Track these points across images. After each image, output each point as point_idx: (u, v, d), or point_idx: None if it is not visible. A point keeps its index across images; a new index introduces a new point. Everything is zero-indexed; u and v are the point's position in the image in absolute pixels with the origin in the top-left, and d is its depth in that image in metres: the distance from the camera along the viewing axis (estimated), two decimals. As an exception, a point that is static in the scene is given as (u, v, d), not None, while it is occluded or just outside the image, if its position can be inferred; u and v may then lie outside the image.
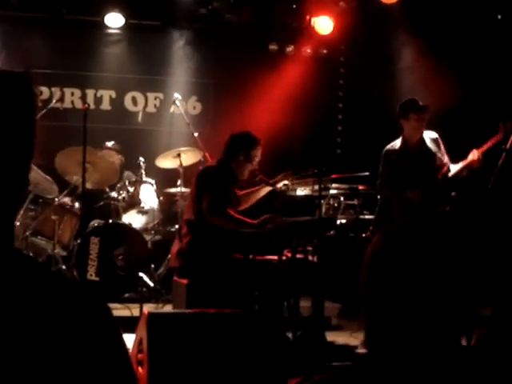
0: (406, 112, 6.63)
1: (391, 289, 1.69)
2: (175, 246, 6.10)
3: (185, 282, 5.76)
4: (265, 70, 9.67)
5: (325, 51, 10.21)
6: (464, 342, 1.73)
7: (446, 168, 6.72)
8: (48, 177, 8.10)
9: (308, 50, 10.12)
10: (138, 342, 4.84)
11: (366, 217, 6.77)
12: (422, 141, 6.73)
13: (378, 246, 1.75)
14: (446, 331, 1.70)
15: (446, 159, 6.74)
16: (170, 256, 6.41)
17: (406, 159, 6.71)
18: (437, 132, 6.76)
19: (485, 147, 6.48)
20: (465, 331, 1.75)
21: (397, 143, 6.80)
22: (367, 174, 6.95)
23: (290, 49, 10.09)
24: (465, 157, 6.56)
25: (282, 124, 9.41)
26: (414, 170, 6.68)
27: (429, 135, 6.75)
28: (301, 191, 6.70)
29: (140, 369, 4.77)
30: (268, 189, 6.32)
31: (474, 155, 6.49)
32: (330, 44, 10.13)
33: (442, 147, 6.77)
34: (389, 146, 6.83)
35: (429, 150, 6.70)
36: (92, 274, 7.65)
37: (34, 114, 1.43)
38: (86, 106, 7.75)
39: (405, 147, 6.74)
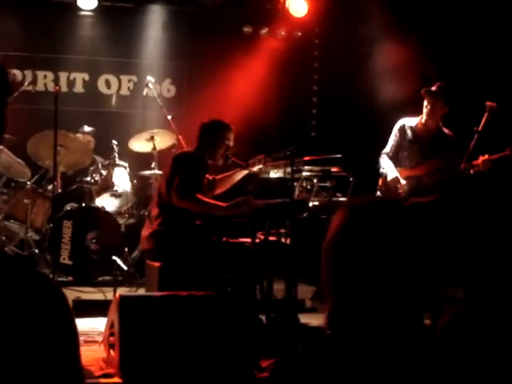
0: (423, 96, 6.57)
1: (359, 264, 1.68)
2: (146, 229, 6.06)
3: (157, 264, 5.74)
4: (239, 52, 9.64)
5: (299, 34, 10.17)
6: (429, 323, 1.74)
7: (439, 162, 6.66)
8: (20, 160, 8.04)
9: (282, 33, 10.08)
10: (110, 325, 4.83)
11: (339, 199, 6.74)
12: (439, 132, 6.67)
13: (345, 222, 1.76)
14: (410, 310, 1.70)
15: (452, 160, 6.61)
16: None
17: (413, 139, 6.66)
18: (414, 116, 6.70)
19: (495, 156, 6.40)
20: (429, 310, 1.76)
21: (415, 121, 6.72)
22: (340, 156, 6.93)
23: (264, 31, 10.06)
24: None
25: (257, 107, 9.38)
26: (415, 152, 6.64)
27: (447, 131, 6.70)
28: (274, 174, 6.68)
29: (112, 352, 4.76)
30: (244, 172, 6.29)
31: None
32: (305, 26, 10.09)
33: (453, 149, 6.64)
34: (406, 120, 6.76)
35: (440, 143, 6.64)
36: (65, 258, 7.62)
37: (3, 97, 1.40)
38: (58, 88, 7.65)
39: (419, 129, 6.67)
